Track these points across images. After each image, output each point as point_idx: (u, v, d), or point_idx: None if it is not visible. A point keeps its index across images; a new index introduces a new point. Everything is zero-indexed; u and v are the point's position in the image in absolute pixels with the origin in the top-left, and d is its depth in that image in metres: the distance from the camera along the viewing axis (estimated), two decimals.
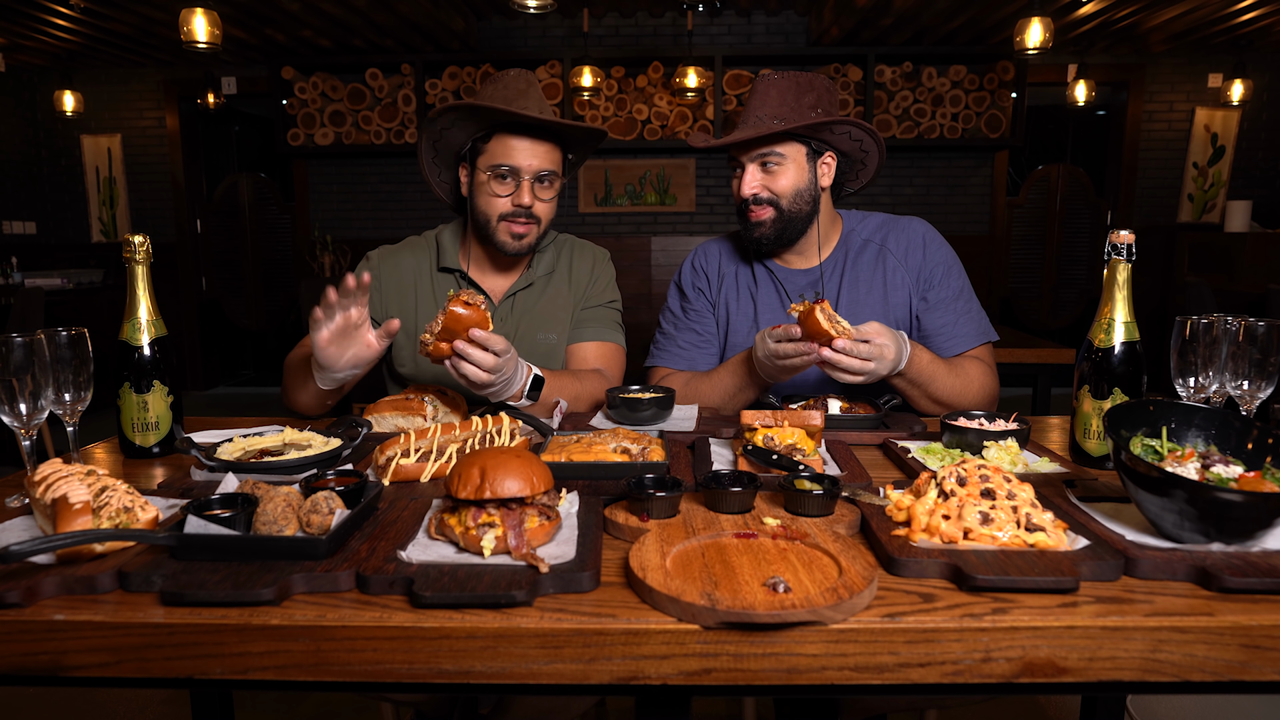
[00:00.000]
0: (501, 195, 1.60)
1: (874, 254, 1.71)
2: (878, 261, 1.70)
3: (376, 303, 1.71)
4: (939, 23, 5.18)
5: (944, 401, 1.56)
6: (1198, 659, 0.71)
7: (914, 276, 1.69)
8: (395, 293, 1.72)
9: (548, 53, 5.76)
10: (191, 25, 3.72)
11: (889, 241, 1.72)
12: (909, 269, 1.69)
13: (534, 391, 1.47)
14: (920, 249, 1.70)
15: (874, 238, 1.73)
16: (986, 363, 1.67)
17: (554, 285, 1.77)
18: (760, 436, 1.16)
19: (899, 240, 1.71)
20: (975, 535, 0.84)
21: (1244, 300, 5.01)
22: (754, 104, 1.61)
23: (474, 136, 1.62)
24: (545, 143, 1.60)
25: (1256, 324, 1.13)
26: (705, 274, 1.82)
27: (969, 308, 1.69)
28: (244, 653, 0.72)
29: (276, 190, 6.52)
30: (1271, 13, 4.91)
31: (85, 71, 6.13)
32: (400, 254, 1.76)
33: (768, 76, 1.62)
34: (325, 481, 0.98)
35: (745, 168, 1.63)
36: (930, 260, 1.69)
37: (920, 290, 1.69)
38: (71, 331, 1.12)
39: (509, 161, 1.58)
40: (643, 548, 0.83)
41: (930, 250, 1.70)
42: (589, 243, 1.86)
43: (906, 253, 1.70)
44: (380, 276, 1.73)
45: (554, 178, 1.63)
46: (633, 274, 6.11)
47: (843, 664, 0.71)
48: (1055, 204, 6.25)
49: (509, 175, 1.59)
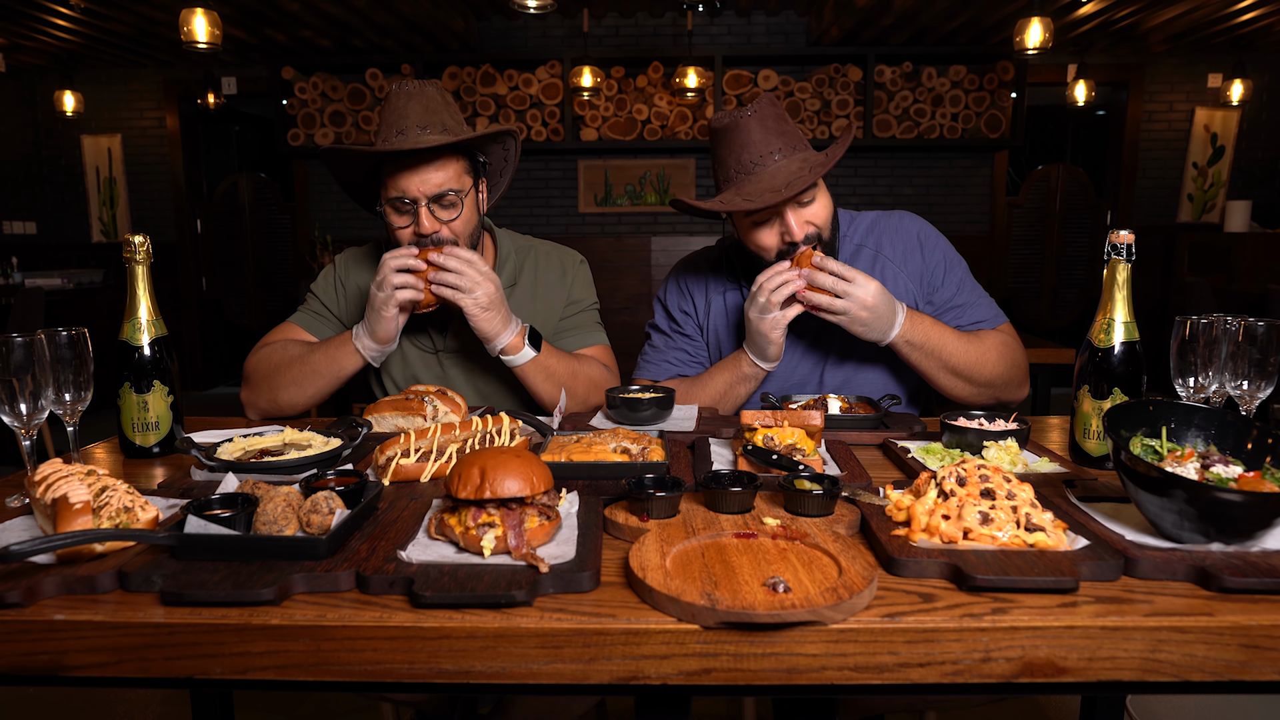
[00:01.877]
0: (402, 227, 1.52)
1: (869, 259, 1.67)
2: (873, 268, 1.66)
3: (342, 305, 1.71)
4: (939, 23, 5.18)
5: (963, 372, 1.52)
6: (1197, 659, 0.71)
7: (916, 281, 1.66)
8: (359, 297, 1.71)
9: (548, 53, 5.76)
10: (191, 25, 3.72)
11: (884, 246, 1.67)
12: (909, 273, 1.66)
13: (535, 339, 1.53)
14: (918, 250, 1.67)
15: (867, 242, 1.69)
16: (1007, 334, 1.63)
17: (516, 299, 1.70)
18: (760, 436, 1.16)
19: (894, 244, 1.67)
20: (975, 535, 0.84)
21: (1244, 300, 5.01)
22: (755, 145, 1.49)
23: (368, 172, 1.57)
24: (434, 161, 1.49)
25: (1256, 324, 1.13)
26: (691, 299, 1.77)
27: (974, 296, 1.66)
28: (244, 653, 0.72)
29: (276, 190, 6.52)
30: (1271, 13, 4.91)
31: (85, 71, 6.13)
32: (365, 259, 1.74)
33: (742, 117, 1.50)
34: (325, 481, 0.98)
35: (784, 214, 1.50)
36: (930, 260, 1.66)
37: (925, 294, 1.66)
38: (71, 331, 1.12)
39: (399, 193, 1.50)
40: (643, 548, 0.83)
41: (927, 250, 1.67)
42: (557, 246, 1.80)
43: (904, 257, 1.66)
44: (345, 280, 1.72)
45: (456, 195, 1.52)
46: (633, 274, 6.11)
47: (843, 664, 0.71)
48: (1055, 204, 6.25)
49: (406, 206, 1.51)
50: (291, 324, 1.68)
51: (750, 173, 1.50)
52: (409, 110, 1.49)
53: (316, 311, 1.70)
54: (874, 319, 1.45)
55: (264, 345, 1.60)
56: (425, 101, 1.51)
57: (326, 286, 1.72)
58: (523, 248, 1.77)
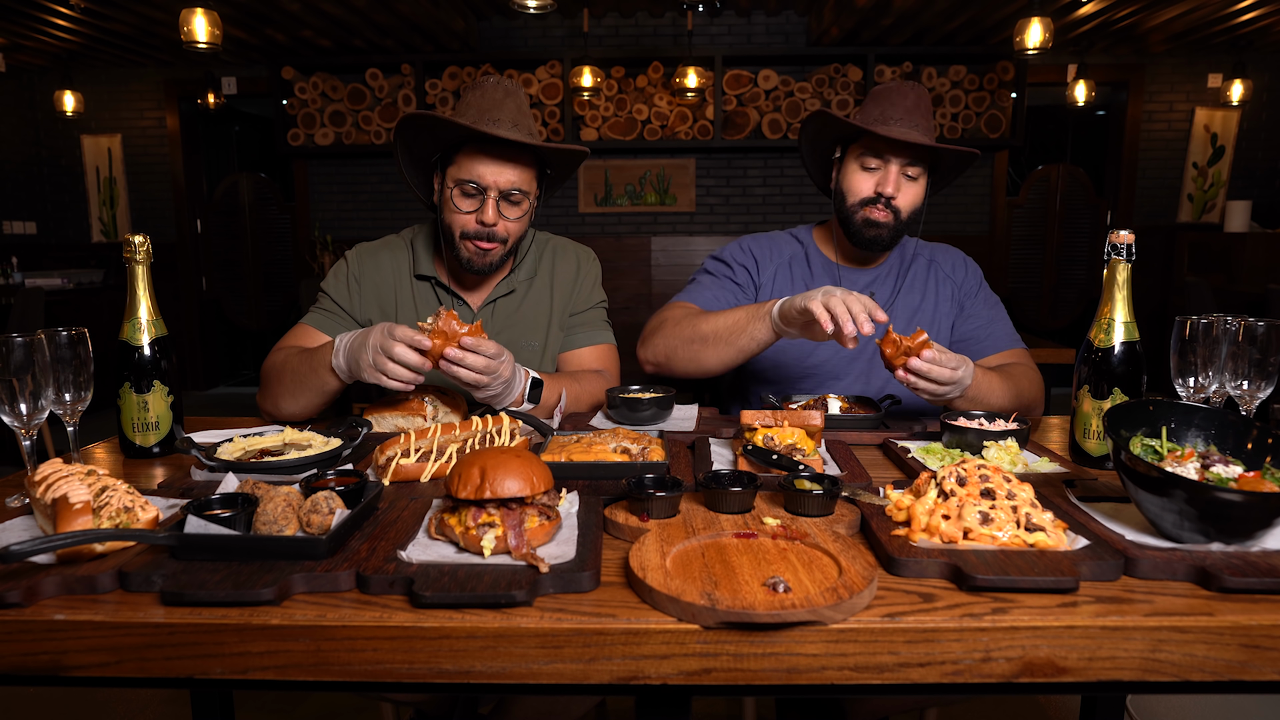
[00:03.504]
0: (465, 211, 1.54)
1: (925, 265, 1.79)
2: (929, 273, 1.78)
3: (357, 303, 1.68)
4: (939, 23, 5.18)
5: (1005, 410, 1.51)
6: (1197, 659, 0.71)
7: (957, 289, 1.77)
8: (374, 294, 1.69)
9: (548, 53, 5.76)
10: (191, 25, 3.72)
11: (937, 256, 1.81)
12: (955, 283, 1.78)
13: (534, 394, 1.47)
14: (963, 266, 1.81)
15: (922, 251, 1.82)
16: (1027, 363, 1.67)
17: (536, 290, 1.73)
18: (760, 436, 1.16)
19: (945, 257, 1.81)
20: (975, 535, 0.84)
21: (1244, 300, 5.01)
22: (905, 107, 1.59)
23: (443, 147, 1.57)
24: (517, 159, 1.54)
25: (1256, 324, 1.13)
26: (754, 257, 1.79)
27: (1000, 315, 1.76)
28: (244, 653, 0.72)
29: (276, 190, 6.52)
30: (1271, 13, 4.91)
31: (85, 71, 6.13)
32: (380, 254, 1.72)
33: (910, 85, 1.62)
34: (325, 481, 0.98)
35: (888, 167, 1.61)
36: (970, 277, 1.79)
37: (959, 301, 1.76)
38: (71, 331, 1.12)
39: (474, 178, 1.52)
40: (643, 548, 0.83)
41: (970, 268, 1.81)
42: (572, 243, 1.82)
43: (953, 268, 1.79)
44: (360, 277, 1.69)
45: (523, 196, 1.56)
46: (633, 274, 6.11)
47: (843, 664, 0.71)
48: (1055, 204, 6.25)
49: (475, 191, 1.53)
50: (305, 326, 1.65)
51: (898, 121, 1.59)
52: (505, 105, 1.52)
53: (329, 310, 1.67)
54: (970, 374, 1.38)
55: (277, 350, 1.58)
56: (519, 103, 1.55)
57: (339, 285, 1.69)
58: (541, 240, 1.79)
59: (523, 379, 1.45)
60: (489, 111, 1.51)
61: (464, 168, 1.53)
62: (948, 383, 1.32)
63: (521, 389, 1.45)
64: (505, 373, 1.36)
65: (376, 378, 1.32)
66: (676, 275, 6.06)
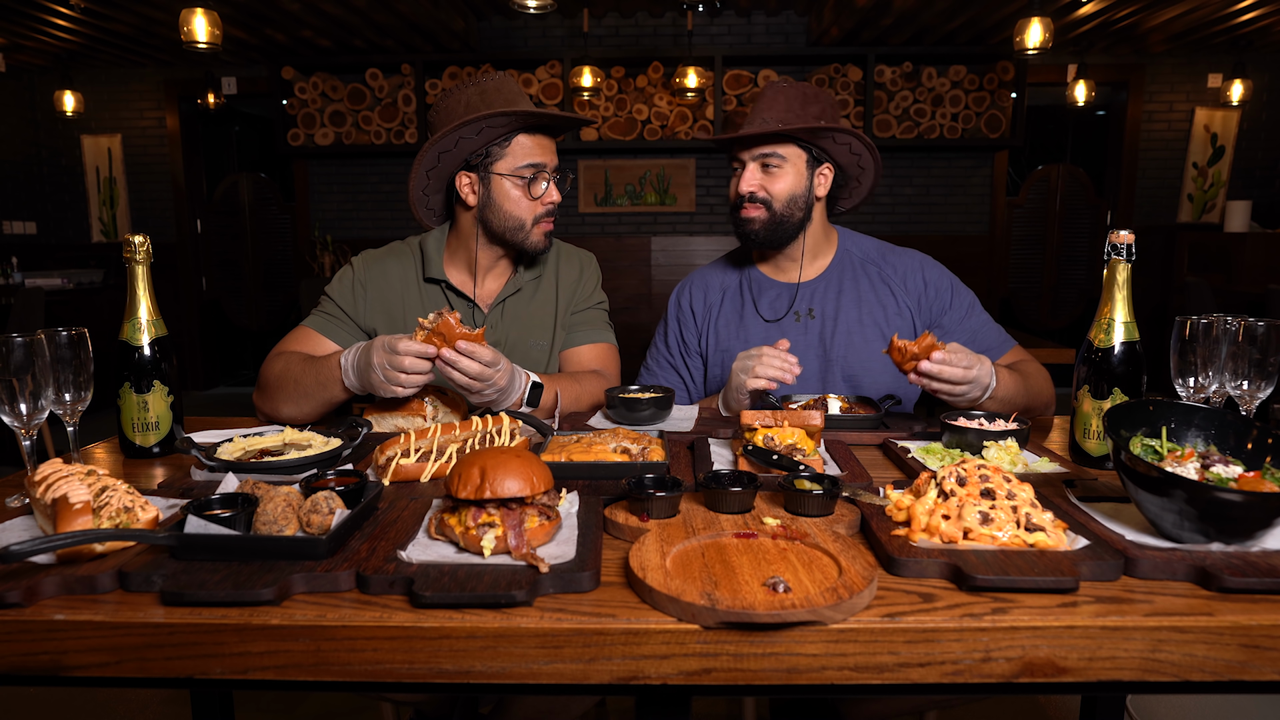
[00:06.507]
0: (534, 197, 1.59)
1: (875, 276, 1.73)
2: (880, 284, 1.72)
3: (362, 310, 1.67)
4: (939, 23, 5.18)
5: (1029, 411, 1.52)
6: (1197, 659, 0.71)
7: (915, 303, 1.70)
8: (381, 302, 1.68)
9: (548, 53, 5.76)
10: (191, 25, 3.72)
11: (886, 267, 1.73)
12: (910, 294, 1.71)
13: (534, 396, 1.47)
14: (918, 273, 1.71)
15: (873, 260, 1.75)
16: (1029, 360, 1.65)
17: (542, 290, 1.74)
18: (760, 436, 1.16)
19: (896, 266, 1.73)
20: (975, 535, 0.84)
21: (1244, 300, 5.01)
22: (760, 106, 1.63)
23: (491, 141, 1.58)
24: (553, 139, 1.63)
25: (1256, 324, 1.13)
26: (692, 311, 1.84)
27: (984, 322, 1.70)
28: (244, 653, 0.72)
29: (276, 190, 6.52)
30: (1271, 13, 4.91)
31: (85, 71, 6.13)
32: (386, 261, 1.72)
33: (775, 83, 1.65)
34: (325, 481, 0.98)
35: (745, 166, 1.64)
36: (931, 285, 1.70)
37: (928, 318, 1.70)
38: (71, 331, 1.12)
39: (537, 160, 1.58)
40: (643, 548, 0.83)
41: (929, 274, 1.71)
42: (573, 246, 1.85)
43: (905, 278, 1.72)
44: (366, 284, 1.68)
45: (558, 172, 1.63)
46: (633, 274, 6.11)
47: (843, 664, 0.71)
48: (1055, 204, 6.25)
49: (534, 175, 1.58)
50: (307, 329, 1.65)
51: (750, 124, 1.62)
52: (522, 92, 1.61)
53: (332, 315, 1.66)
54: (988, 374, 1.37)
55: (277, 354, 1.57)
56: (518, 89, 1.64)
57: (344, 290, 1.67)
58: None
59: (523, 382, 1.45)
60: (519, 100, 1.57)
61: (520, 156, 1.57)
62: (961, 382, 1.31)
63: (521, 393, 1.45)
64: (501, 382, 1.36)
65: (392, 392, 1.35)
66: (676, 275, 6.05)
